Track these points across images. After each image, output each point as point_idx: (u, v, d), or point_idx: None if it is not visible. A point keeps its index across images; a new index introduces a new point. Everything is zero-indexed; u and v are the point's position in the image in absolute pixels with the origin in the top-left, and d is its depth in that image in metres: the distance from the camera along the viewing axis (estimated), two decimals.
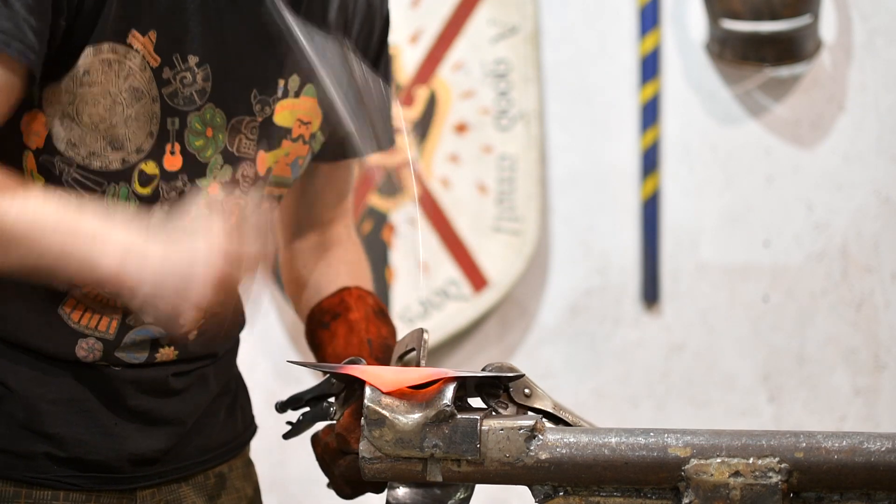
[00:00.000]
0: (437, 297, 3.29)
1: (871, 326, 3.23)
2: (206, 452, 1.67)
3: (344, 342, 1.66)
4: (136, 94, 1.48)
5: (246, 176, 1.59)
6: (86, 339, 1.55)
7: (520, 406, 1.42)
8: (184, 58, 1.50)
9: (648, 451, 1.34)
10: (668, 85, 3.25)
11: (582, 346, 3.31)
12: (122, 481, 1.59)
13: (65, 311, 1.54)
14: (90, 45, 1.45)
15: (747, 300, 3.26)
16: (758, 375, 3.26)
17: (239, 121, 1.56)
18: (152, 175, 1.52)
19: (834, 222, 3.23)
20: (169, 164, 1.53)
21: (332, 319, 1.70)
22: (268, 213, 1.60)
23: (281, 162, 1.63)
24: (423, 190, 3.29)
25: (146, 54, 1.48)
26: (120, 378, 1.57)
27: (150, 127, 1.50)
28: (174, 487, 1.64)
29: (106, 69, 1.46)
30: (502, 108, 3.26)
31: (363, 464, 1.39)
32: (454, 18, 3.26)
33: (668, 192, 3.26)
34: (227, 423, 1.71)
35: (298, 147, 1.64)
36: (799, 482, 1.32)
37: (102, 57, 1.46)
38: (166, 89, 1.50)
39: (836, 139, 3.22)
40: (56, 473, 1.55)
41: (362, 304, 1.71)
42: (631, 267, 3.28)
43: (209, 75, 1.52)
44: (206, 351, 1.66)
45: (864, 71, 3.21)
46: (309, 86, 1.62)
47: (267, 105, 1.58)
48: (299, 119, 1.63)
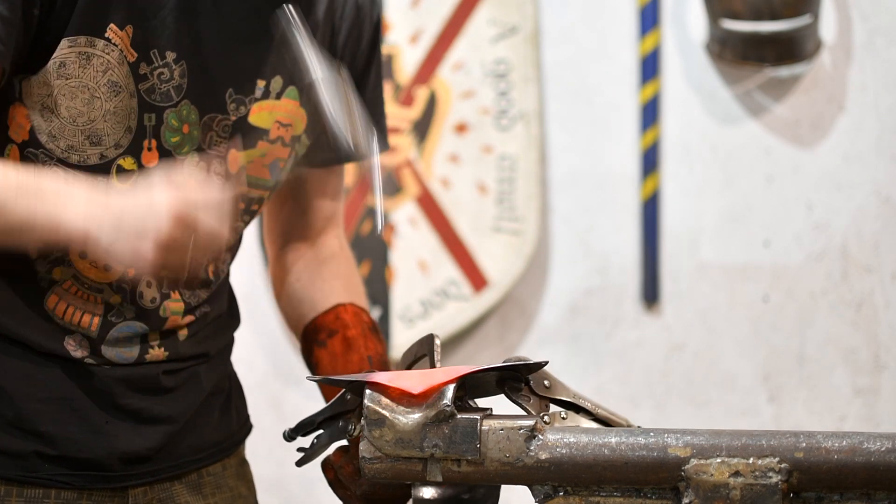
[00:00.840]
0: (437, 297, 3.29)
1: (871, 326, 3.23)
2: (200, 451, 1.67)
3: (344, 360, 1.66)
4: (114, 88, 1.48)
5: (217, 173, 1.58)
6: (72, 335, 1.56)
7: (542, 397, 1.42)
8: (161, 54, 1.50)
9: (648, 451, 1.34)
10: (668, 85, 3.25)
11: (582, 346, 3.31)
12: (114, 479, 1.59)
13: (48, 307, 1.55)
14: (66, 38, 1.45)
15: (747, 300, 3.26)
16: (758, 375, 3.26)
17: (211, 118, 1.56)
18: (131, 171, 1.52)
19: (834, 222, 3.23)
20: (146, 159, 1.53)
21: (329, 337, 1.70)
22: (231, 196, 1.59)
23: (256, 162, 1.62)
24: (423, 190, 3.29)
25: (123, 48, 1.48)
26: (110, 376, 1.57)
27: (129, 122, 1.50)
28: (167, 486, 1.64)
29: (84, 62, 1.46)
30: (502, 108, 3.26)
31: (363, 464, 1.39)
32: (454, 18, 3.26)
33: (668, 193, 3.26)
34: (221, 422, 1.71)
35: (277, 149, 1.63)
36: (799, 482, 1.32)
37: (79, 50, 1.46)
38: (143, 85, 1.50)
39: (836, 139, 3.22)
40: (47, 472, 1.55)
41: (358, 321, 1.71)
42: (631, 267, 3.28)
43: (185, 72, 1.52)
44: (198, 350, 1.66)
45: (864, 71, 3.21)
46: (291, 88, 1.62)
47: (242, 104, 1.58)
48: (278, 121, 1.62)
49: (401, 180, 3.29)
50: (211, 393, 1.69)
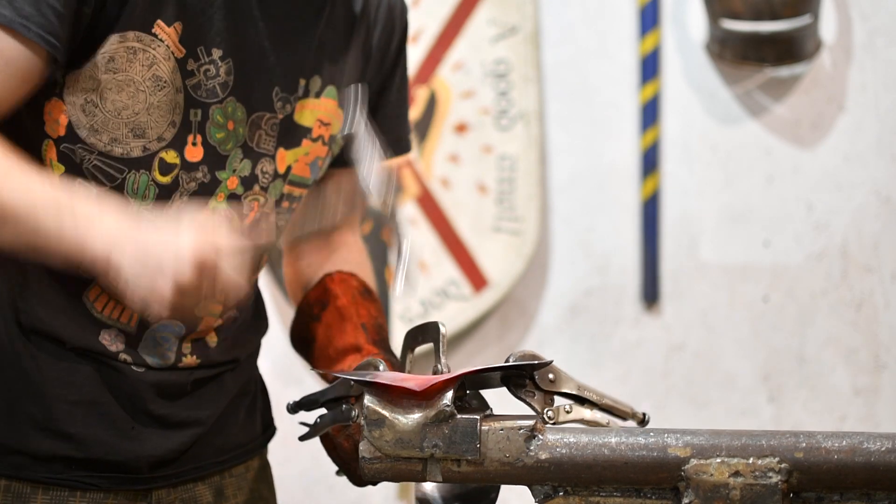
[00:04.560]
0: (437, 297, 3.29)
1: (871, 326, 3.23)
2: (224, 453, 1.68)
3: (338, 331, 1.66)
4: (159, 83, 1.50)
5: (265, 172, 1.60)
6: (108, 329, 1.56)
7: (546, 392, 1.42)
8: (208, 51, 1.52)
9: (648, 451, 1.34)
10: (668, 85, 3.25)
11: (582, 346, 3.31)
12: (140, 482, 1.59)
13: (88, 300, 1.55)
14: (115, 33, 1.47)
15: (747, 300, 3.26)
16: (758, 375, 3.26)
17: (259, 116, 1.58)
18: (173, 164, 1.54)
19: (834, 222, 3.23)
20: (190, 154, 1.54)
21: (322, 310, 1.70)
22: (270, 217, 1.61)
23: (301, 161, 1.64)
24: (423, 190, 3.29)
25: (171, 44, 1.50)
26: (142, 380, 1.58)
27: (173, 116, 1.52)
28: (190, 487, 1.64)
29: (130, 57, 1.48)
30: (502, 108, 3.26)
31: (363, 464, 1.39)
32: (454, 18, 3.26)
33: (668, 192, 3.26)
34: (246, 424, 1.72)
35: (318, 147, 1.66)
36: (799, 482, 1.32)
37: (128, 45, 1.48)
38: (190, 81, 1.52)
39: (836, 139, 3.22)
40: (73, 474, 1.55)
41: (347, 287, 1.71)
42: (631, 267, 3.28)
43: (232, 69, 1.54)
44: (228, 357, 1.66)
45: (864, 71, 3.21)
46: (330, 87, 1.64)
47: (288, 103, 1.60)
48: (319, 119, 1.64)
49: (401, 180, 3.30)
50: (237, 395, 1.69)
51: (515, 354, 1.42)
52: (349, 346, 1.64)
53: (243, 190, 1.59)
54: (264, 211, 1.61)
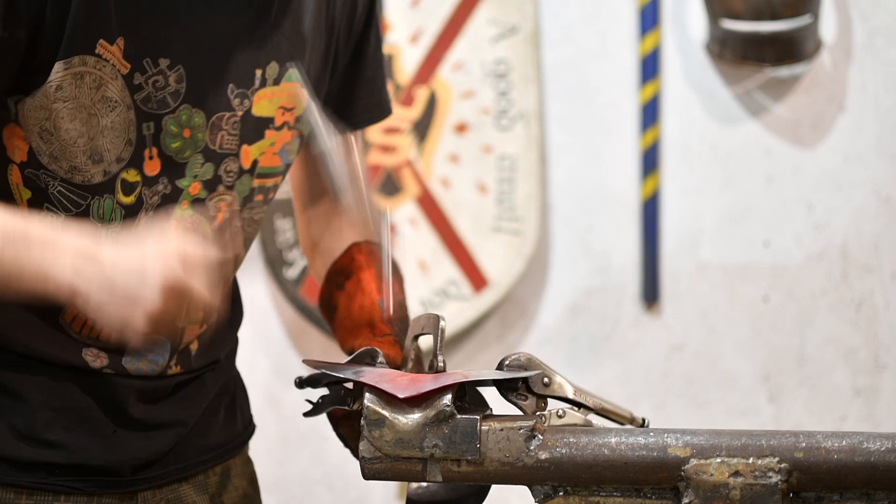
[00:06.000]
0: (437, 297, 3.29)
1: (871, 326, 3.23)
2: (207, 452, 1.68)
3: (358, 305, 1.64)
4: (109, 103, 1.47)
5: (230, 171, 1.57)
6: (89, 348, 1.55)
7: (539, 396, 1.42)
8: (154, 62, 1.48)
9: (648, 451, 1.35)
10: (668, 85, 3.25)
11: (582, 346, 3.31)
12: (124, 484, 1.59)
13: (66, 321, 1.54)
14: (60, 61, 1.43)
15: (747, 300, 3.26)
16: (758, 375, 3.26)
17: (219, 117, 1.55)
18: (135, 182, 1.51)
19: (834, 222, 3.23)
20: (149, 168, 1.52)
21: (346, 279, 1.68)
22: (235, 222, 1.59)
23: (267, 153, 1.61)
24: (423, 190, 3.29)
25: (116, 62, 1.46)
26: (125, 386, 1.57)
27: (128, 134, 1.49)
28: (174, 487, 1.64)
29: (78, 82, 1.44)
30: (502, 108, 3.26)
31: (363, 464, 1.39)
32: (454, 18, 3.26)
33: (668, 192, 3.26)
34: (227, 422, 1.72)
35: (283, 135, 1.62)
36: (799, 482, 1.32)
37: (74, 71, 1.44)
38: (139, 95, 1.48)
39: (836, 139, 3.22)
40: (56, 480, 1.55)
41: (373, 259, 1.68)
42: (631, 267, 3.28)
43: (183, 76, 1.50)
44: (208, 360, 1.66)
45: (864, 71, 3.21)
46: (291, 71, 1.59)
47: (245, 98, 1.56)
48: (282, 106, 1.60)
49: (401, 180, 3.30)
50: (217, 394, 1.69)
51: (510, 357, 1.43)
52: (364, 322, 1.62)
53: (207, 193, 1.56)
54: (233, 209, 1.58)
